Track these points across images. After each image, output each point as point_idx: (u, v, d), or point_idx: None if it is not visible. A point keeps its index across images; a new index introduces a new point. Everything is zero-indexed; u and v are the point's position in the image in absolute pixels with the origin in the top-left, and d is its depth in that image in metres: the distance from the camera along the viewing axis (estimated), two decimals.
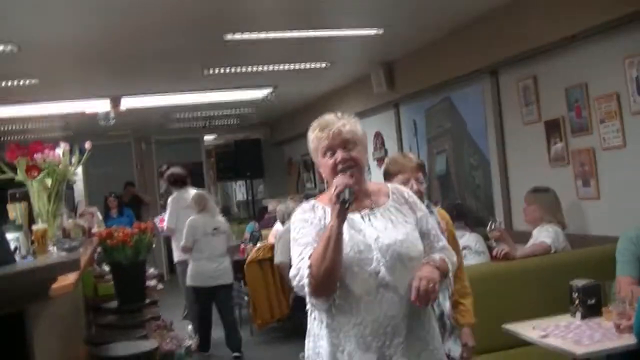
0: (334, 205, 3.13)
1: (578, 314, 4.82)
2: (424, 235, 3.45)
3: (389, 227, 3.35)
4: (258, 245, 10.96)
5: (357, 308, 3.22)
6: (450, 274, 3.53)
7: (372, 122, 11.80)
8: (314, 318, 3.39)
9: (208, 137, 19.84)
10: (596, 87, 6.57)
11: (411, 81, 9.96)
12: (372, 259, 3.24)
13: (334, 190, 3.16)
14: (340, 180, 3.20)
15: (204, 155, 19.59)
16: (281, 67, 9.91)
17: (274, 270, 10.08)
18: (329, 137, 3.35)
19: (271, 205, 14.52)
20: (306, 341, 3.44)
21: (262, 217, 14.24)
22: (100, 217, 9.50)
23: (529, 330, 4.66)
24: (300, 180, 17.69)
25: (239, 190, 24.40)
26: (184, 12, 6.71)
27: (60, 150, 5.78)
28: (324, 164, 3.40)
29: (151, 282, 8.31)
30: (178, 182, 10.95)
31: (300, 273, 3.21)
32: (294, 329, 9.81)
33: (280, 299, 10.14)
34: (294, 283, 3.26)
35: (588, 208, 6.91)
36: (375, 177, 11.02)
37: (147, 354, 5.65)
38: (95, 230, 7.55)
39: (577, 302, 4.84)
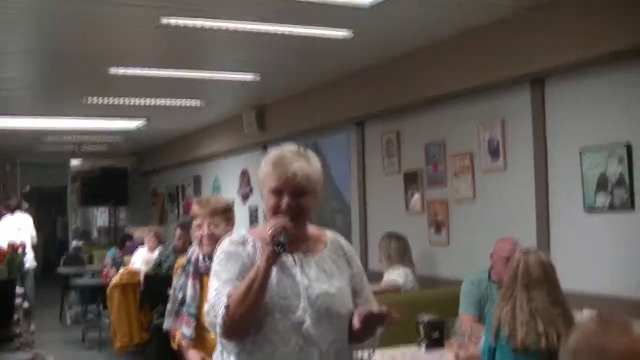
0: (266, 247, 2.89)
1: (423, 346, 5.39)
2: (357, 293, 3.17)
3: (321, 278, 3.06)
4: (121, 270, 11.22)
5: (272, 357, 2.93)
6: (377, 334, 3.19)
7: (240, 160, 12.29)
8: (223, 357, 3.11)
9: (74, 162, 19.75)
10: (452, 145, 7.18)
11: (281, 125, 10.41)
12: (298, 308, 2.95)
13: (270, 232, 2.90)
14: (276, 222, 2.94)
15: (69, 180, 19.60)
16: (156, 101, 10.22)
17: (136, 295, 10.34)
18: (280, 180, 3.02)
19: (137, 233, 14.75)
20: None
21: (124, 244, 14.45)
22: None
23: (380, 357, 5.18)
24: (164, 211, 17.85)
25: (99, 217, 24.35)
26: (73, 43, 6.95)
27: None
28: (267, 200, 3.08)
29: (17, 300, 8.50)
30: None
31: (214, 311, 2.93)
32: (151, 353, 10.07)
33: (141, 323, 10.40)
34: (207, 320, 3.00)
35: (439, 253, 7.50)
36: (239, 213, 11.45)
37: None
38: None
39: (422, 334, 5.41)
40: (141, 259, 11.00)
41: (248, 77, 8.58)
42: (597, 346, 2.59)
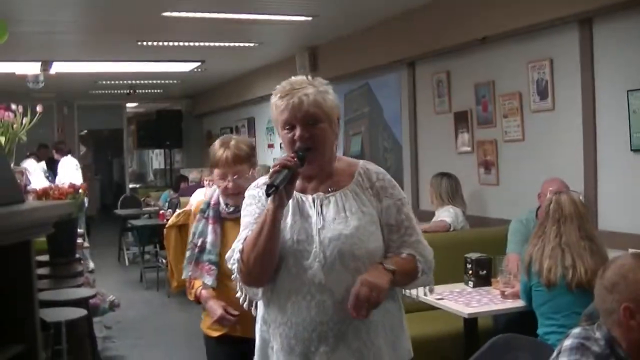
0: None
1: (470, 283, 5.54)
2: (391, 228, 2.95)
3: (339, 217, 2.88)
4: (177, 211, 11.45)
5: (285, 306, 2.85)
6: (421, 274, 2.97)
7: None
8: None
9: (130, 105, 20.01)
10: (502, 85, 7.19)
11: (333, 66, 10.41)
12: (310, 253, 2.82)
13: (270, 171, 2.76)
14: (278, 161, 2.76)
15: (125, 123, 19.86)
16: (210, 44, 10.35)
17: None
18: (288, 109, 2.86)
19: (192, 174, 14.99)
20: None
21: (179, 186, 14.71)
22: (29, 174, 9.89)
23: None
24: None
25: (155, 159, 24.69)
26: None
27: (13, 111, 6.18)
28: (283, 137, 2.93)
29: (79, 240, 8.77)
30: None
31: (233, 256, 2.89)
32: None
33: None
34: (229, 266, 2.94)
35: (488, 193, 7.56)
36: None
37: (87, 299, 6.20)
38: (31, 187, 7.93)
39: (470, 272, 5.55)
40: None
41: (301, 18, 8.66)
42: (633, 279, 2.70)
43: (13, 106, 6.30)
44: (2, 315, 2.40)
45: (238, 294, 2.99)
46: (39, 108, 6.24)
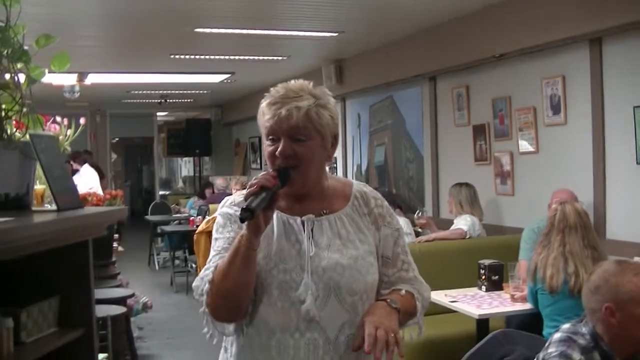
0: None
1: (483, 287, 5.88)
2: (387, 261, 2.63)
3: (334, 245, 2.52)
4: (207, 217, 11.88)
5: (268, 345, 2.47)
6: (419, 315, 2.67)
7: None
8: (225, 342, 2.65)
9: (160, 114, 20.43)
10: (517, 100, 7.54)
11: (358, 78, 10.82)
12: (300, 284, 2.44)
13: (246, 191, 2.39)
14: (255, 180, 2.39)
15: (155, 131, 20.29)
16: (241, 57, 10.74)
17: None
18: (274, 119, 2.46)
19: (218, 181, 15.41)
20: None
21: (204, 193, 15.14)
22: None
23: (442, 296, 5.68)
24: (246, 160, 18.38)
25: (184, 166, 25.13)
26: (160, 5, 7.39)
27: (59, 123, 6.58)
28: (264, 148, 2.55)
29: (114, 244, 9.19)
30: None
31: (201, 286, 2.46)
32: None
33: None
34: (195, 297, 2.50)
35: (504, 202, 7.90)
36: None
37: (125, 298, 6.61)
38: None
39: (483, 277, 5.90)
40: None
41: (328, 34, 9.04)
42: (614, 283, 3.09)
43: (58, 119, 6.70)
44: (66, 304, 2.80)
45: (205, 330, 2.53)
46: (82, 120, 6.60)
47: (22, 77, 2.84)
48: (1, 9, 2.73)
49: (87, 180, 13.20)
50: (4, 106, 2.76)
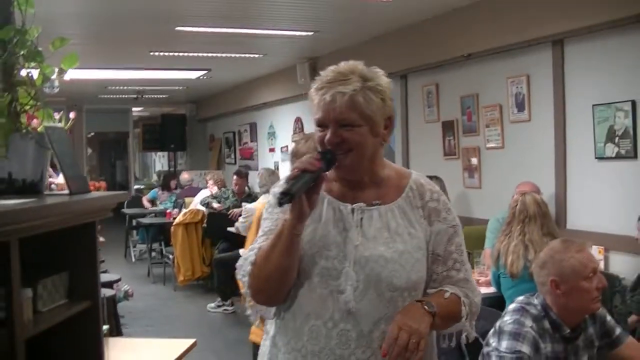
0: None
1: None
2: (437, 258, 2.50)
3: (380, 236, 2.43)
4: (184, 210, 12.18)
5: (301, 331, 2.43)
6: (466, 320, 2.52)
7: (294, 108, 13.01)
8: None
9: (136, 109, 20.59)
10: (484, 97, 7.90)
11: None
12: (341, 272, 2.38)
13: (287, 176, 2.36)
14: (298, 163, 2.33)
15: (131, 126, 20.47)
16: (218, 54, 11.01)
17: (198, 233, 11.34)
18: (320, 107, 2.39)
19: (184, 176, 15.71)
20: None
21: (168, 184, 15.70)
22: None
23: None
24: (221, 155, 18.58)
25: (158, 161, 25.33)
26: (143, 4, 7.66)
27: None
28: (316, 134, 2.48)
29: None
30: None
31: (243, 267, 2.47)
32: (212, 286, 11.00)
33: (203, 258, 11.39)
34: (238, 277, 2.51)
35: (472, 195, 8.27)
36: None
37: (112, 282, 6.94)
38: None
39: None
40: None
41: (303, 34, 9.35)
42: (558, 259, 3.49)
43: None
44: (75, 279, 3.12)
45: (248, 311, 2.59)
46: (72, 115, 6.83)
47: (34, 74, 3.16)
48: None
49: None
50: (20, 101, 3.07)
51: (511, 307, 3.58)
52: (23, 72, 3.15)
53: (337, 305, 2.36)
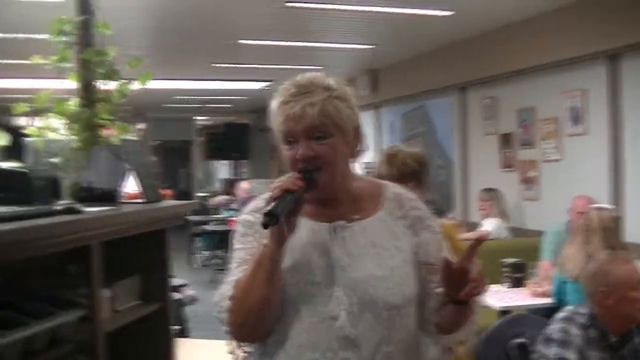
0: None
1: (506, 284, 6.34)
2: (432, 268, 2.26)
3: (366, 253, 2.23)
4: None
5: None
6: (469, 326, 2.34)
7: None
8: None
9: (199, 118, 20.92)
10: (541, 111, 8.01)
11: (392, 88, 11.37)
12: (330, 298, 2.17)
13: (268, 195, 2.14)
14: (278, 183, 2.11)
15: (194, 134, 20.77)
16: (280, 66, 11.23)
17: None
18: (288, 120, 2.18)
19: (242, 184, 15.86)
20: None
21: (231, 190, 16.03)
22: None
23: None
24: (282, 166, 18.57)
25: (221, 169, 25.59)
26: (202, 19, 7.93)
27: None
28: (284, 153, 2.25)
29: None
30: None
31: (220, 303, 2.21)
32: None
33: None
34: (215, 314, 2.23)
35: (529, 207, 8.36)
36: None
37: (178, 287, 7.18)
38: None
39: (506, 274, 6.36)
40: None
41: (363, 47, 9.54)
42: (605, 270, 3.64)
43: None
44: (147, 282, 3.36)
45: (228, 348, 2.36)
46: (141, 126, 7.04)
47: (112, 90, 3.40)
48: None
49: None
50: (99, 116, 3.31)
51: (559, 315, 3.74)
52: (101, 87, 3.37)
53: (332, 334, 2.14)
